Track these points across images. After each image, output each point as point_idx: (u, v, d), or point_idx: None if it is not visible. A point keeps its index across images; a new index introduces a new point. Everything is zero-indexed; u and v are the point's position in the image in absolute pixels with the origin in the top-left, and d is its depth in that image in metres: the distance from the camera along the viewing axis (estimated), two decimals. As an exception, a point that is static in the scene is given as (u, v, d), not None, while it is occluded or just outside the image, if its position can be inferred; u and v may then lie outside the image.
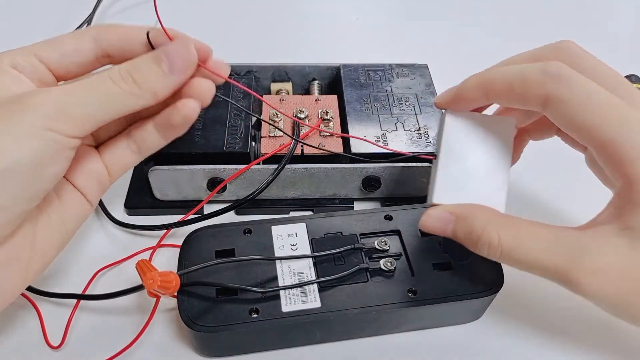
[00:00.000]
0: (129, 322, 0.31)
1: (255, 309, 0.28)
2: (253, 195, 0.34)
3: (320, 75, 0.43)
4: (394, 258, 0.30)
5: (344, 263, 0.30)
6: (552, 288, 0.34)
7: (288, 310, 0.28)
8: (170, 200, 0.37)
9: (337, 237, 0.31)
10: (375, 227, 0.32)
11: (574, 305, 0.33)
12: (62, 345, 0.29)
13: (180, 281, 0.27)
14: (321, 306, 0.28)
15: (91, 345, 0.30)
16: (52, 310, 0.31)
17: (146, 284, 0.25)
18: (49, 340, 0.30)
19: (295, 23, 0.56)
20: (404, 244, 0.31)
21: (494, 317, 0.32)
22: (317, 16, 0.58)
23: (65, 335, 0.30)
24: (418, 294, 0.29)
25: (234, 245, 0.31)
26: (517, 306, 0.32)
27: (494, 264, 0.30)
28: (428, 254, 0.31)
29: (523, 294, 0.33)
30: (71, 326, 0.30)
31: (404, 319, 0.30)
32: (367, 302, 0.29)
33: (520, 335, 0.31)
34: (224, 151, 0.34)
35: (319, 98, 0.38)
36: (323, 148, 0.35)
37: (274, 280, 0.29)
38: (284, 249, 0.31)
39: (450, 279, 0.30)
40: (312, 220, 0.32)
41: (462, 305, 0.29)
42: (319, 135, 0.36)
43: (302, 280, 0.29)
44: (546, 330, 0.32)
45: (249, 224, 0.32)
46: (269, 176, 0.34)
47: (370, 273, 0.30)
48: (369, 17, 0.58)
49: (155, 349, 0.30)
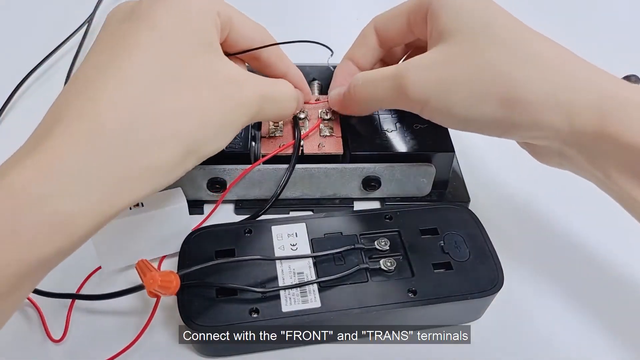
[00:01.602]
0: (129, 321, 0.31)
1: (255, 309, 0.28)
2: (275, 197, 0.35)
3: (320, 75, 0.43)
4: (394, 258, 0.30)
5: (344, 263, 0.30)
6: (552, 288, 0.34)
7: (288, 310, 0.28)
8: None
9: (337, 237, 0.31)
10: (375, 227, 0.32)
11: (574, 305, 0.33)
12: (63, 340, 0.30)
13: (181, 281, 0.27)
14: (321, 306, 0.28)
15: (91, 343, 0.30)
16: (53, 308, 0.31)
17: (146, 284, 0.25)
18: (50, 334, 0.30)
19: (295, 23, 0.56)
20: (404, 244, 0.31)
21: (494, 317, 0.32)
22: (317, 16, 0.58)
23: (66, 331, 0.30)
24: (418, 294, 0.29)
25: (234, 245, 0.31)
26: (517, 306, 0.32)
27: (494, 264, 0.30)
28: (428, 254, 0.31)
29: (523, 294, 0.33)
30: (73, 325, 0.30)
31: (404, 319, 0.30)
32: (367, 302, 0.29)
33: (520, 335, 0.31)
34: (224, 151, 0.34)
35: (319, 98, 0.38)
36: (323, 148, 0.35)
37: (274, 280, 0.29)
38: (284, 249, 0.31)
39: (450, 279, 0.30)
40: (312, 220, 0.32)
41: (462, 305, 0.29)
42: (319, 135, 0.36)
43: (302, 280, 0.29)
44: (546, 331, 0.32)
45: (249, 224, 0.32)
46: (282, 177, 0.35)
47: (370, 273, 0.30)
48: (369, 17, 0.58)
49: (155, 349, 0.30)
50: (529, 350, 0.31)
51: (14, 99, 0.45)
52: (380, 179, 0.36)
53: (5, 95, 0.45)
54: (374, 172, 0.35)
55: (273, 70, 0.33)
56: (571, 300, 0.33)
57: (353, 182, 0.36)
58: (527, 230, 0.37)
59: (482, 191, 0.38)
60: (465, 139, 0.42)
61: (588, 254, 0.36)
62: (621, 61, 0.50)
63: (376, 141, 0.36)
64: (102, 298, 0.30)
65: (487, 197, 0.38)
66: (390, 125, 0.37)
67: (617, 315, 0.32)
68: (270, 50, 0.32)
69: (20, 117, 0.44)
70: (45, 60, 0.49)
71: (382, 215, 0.33)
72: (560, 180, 0.40)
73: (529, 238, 0.36)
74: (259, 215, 0.34)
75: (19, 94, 0.46)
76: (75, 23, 0.52)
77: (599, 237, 0.37)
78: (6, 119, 0.44)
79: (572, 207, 0.38)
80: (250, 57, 0.32)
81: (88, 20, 0.53)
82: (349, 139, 0.36)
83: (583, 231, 0.37)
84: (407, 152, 0.35)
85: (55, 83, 0.47)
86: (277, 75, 0.33)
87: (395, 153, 0.35)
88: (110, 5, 0.57)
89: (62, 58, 0.50)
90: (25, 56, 0.48)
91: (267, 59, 0.32)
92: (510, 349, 0.31)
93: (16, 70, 0.47)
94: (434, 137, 0.36)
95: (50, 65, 0.49)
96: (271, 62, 0.32)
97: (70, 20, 0.53)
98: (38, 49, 0.49)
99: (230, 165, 0.34)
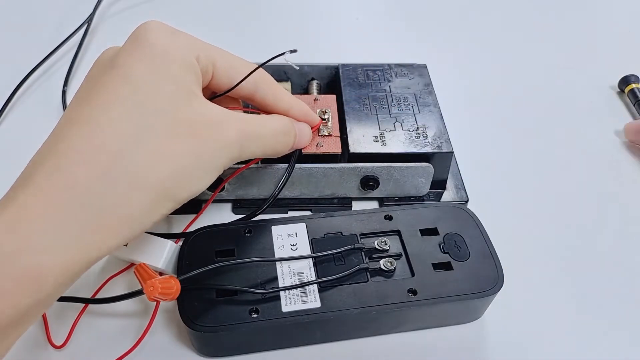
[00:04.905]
0: (130, 324, 0.31)
1: (255, 309, 0.28)
2: (274, 197, 0.34)
3: (319, 74, 0.43)
4: (394, 258, 0.30)
5: (344, 263, 0.30)
6: (553, 288, 0.34)
7: (288, 310, 0.28)
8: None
9: (337, 237, 0.32)
10: (375, 227, 0.32)
11: (574, 305, 0.33)
12: (65, 345, 0.30)
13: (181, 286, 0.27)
14: (321, 306, 0.28)
15: (92, 347, 0.30)
16: (55, 312, 0.31)
17: (146, 290, 0.25)
18: (52, 340, 0.30)
19: (295, 22, 0.56)
20: (404, 244, 0.31)
21: (494, 317, 0.32)
22: (317, 16, 0.58)
23: (69, 337, 0.30)
24: (418, 294, 0.29)
25: (234, 245, 0.31)
26: (517, 306, 0.32)
27: (494, 264, 0.30)
28: (428, 254, 0.31)
29: (523, 294, 0.33)
30: (73, 331, 0.30)
31: (404, 319, 0.30)
32: (367, 302, 0.29)
33: (520, 335, 0.31)
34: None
35: (317, 98, 0.38)
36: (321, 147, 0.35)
37: (274, 281, 0.29)
38: (284, 249, 0.31)
39: (450, 279, 0.30)
40: (312, 220, 0.32)
41: (462, 305, 0.29)
42: (318, 134, 0.36)
43: (302, 280, 0.29)
44: (546, 331, 0.32)
45: (249, 224, 0.32)
46: (282, 176, 0.34)
47: (370, 273, 0.30)
48: (369, 17, 0.58)
49: (155, 350, 0.30)
50: (529, 350, 0.31)
51: (14, 99, 0.45)
52: (378, 178, 0.36)
53: (6, 95, 0.45)
54: (372, 172, 0.35)
55: (272, 110, 0.32)
56: (571, 300, 0.33)
57: (351, 182, 0.36)
58: (527, 230, 0.37)
59: (482, 191, 0.38)
60: (466, 139, 0.42)
61: (588, 254, 0.36)
62: (621, 61, 0.51)
63: (374, 141, 0.36)
64: (101, 302, 0.30)
65: (487, 197, 0.38)
66: (388, 125, 0.37)
67: (618, 315, 0.32)
68: (264, 91, 0.31)
69: (20, 117, 0.44)
70: (45, 60, 0.49)
71: (382, 215, 0.33)
72: (560, 180, 0.40)
73: (529, 238, 0.36)
74: (256, 214, 0.34)
75: (19, 94, 0.46)
76: (75, 23, 0.52)
77: (600, 237, 0.37)
78: (6, 119, 0.44)
79: (572, 207, 0.39)
80: (247, 99, 0.32)
81: (88, 20, 0.53)
82: (347, 138, 0.36)
83: (583, 231, 0.37)
84: (406, 152, 0.35)
85: (55, 83, 0.47)
86: (281, 113, 0.32)
87: (394, 153, 0.35)
88: (110, 6, 0.57)
89: (62, 58, 0.50)
90: (25, 56, 0.48)
91: (262, 99, 0.32)
92: (510, 349, 0.31)
93: (16, 70, 0.47)
94: (432, 137, 0.36)
95: (50, 65, 0.49)
96: (268, 103, 0.32)
97: (70, 20, 0.53)
98: (38, 49, 0.49)
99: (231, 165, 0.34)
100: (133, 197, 0.24)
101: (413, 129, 0.37)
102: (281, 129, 0.31)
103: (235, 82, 0.30)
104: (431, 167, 0.35)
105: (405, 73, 0.41)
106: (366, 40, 0.54)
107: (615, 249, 0.36)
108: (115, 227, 0.24)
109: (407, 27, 0.57)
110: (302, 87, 0.43)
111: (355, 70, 0.41)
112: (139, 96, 0.25)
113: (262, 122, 0.30)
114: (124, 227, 0.24)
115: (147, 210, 0.25)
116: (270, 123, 0.31)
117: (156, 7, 0.57)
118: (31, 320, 0.23)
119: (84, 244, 0.23)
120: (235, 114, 0.29)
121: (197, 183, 0.27)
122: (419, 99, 0.39)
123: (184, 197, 0.26)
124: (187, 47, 0.27)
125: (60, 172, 0.23)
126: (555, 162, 0.42)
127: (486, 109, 0.46)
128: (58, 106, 0.45)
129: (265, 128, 0.30)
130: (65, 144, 0.24)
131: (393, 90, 0.40)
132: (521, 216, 0.38)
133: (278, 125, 0.31)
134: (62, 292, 0.24)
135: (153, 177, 0.24)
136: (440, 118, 0.37)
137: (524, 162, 0.42)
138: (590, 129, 0.45)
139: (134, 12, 0.56)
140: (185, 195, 0.26)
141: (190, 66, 0.27)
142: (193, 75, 0.27)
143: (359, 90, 0.40)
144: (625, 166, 0.42)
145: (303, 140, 0.34)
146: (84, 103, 0.25)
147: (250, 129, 0.29)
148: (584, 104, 0.47)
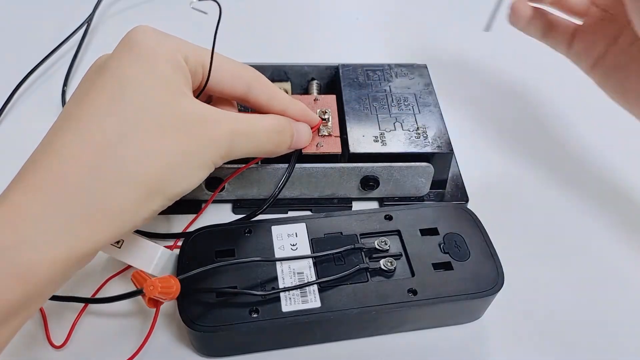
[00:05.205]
0: (128, 324, 0.31)
1: (255, 309, 0.28)
2: (274, 197, 0.35)
3: (319, 75, 0.43)
4: (394, 258, 0.30)
5: (344, 263, 0.30)
6: (553, 288, 0.34)
7: (288, 310, 0.28)
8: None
9: (337, 237, 0.32)
10: (376, 227, 0.32)
11: (574, 305, 0.33)
12: (65, 345, 0.30)
13: (180, 285, 0.27)
14: (321, 306, 0.28)
15: (92, 347, 0.30)
16: (55, 312, 0.31)
17: (147, 290, 0.25)
18: (51, 340, 0.30)
19: (295, 22, 0.56)
20: (404, 244, 0.31)
21: (494, 317, 0.32)
22: (317, 16, 0.58)
23: (68, 337, 0.30)
24: (418, 294, 0.29)
25: (234, 245, 0.31)
26: (517, 306, 0.32)
27: (494, 264, 0.30)
28: (428, 254, 0.31)
29: (523, 294, 0.33)
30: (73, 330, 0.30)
31: (404, 319, 0.30)
32: (367, 302, 0.29)
33: (520, 335, 0.31)
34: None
35: (317, 98, 0.38)
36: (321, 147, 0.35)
37: (274, 281, 0.29)
38: (284, 249, 0.31)
39: (450, 279, 0.30)
40: (312, 220, 0.32)
41: (462, 305, 0.29)
42: (318, 134, 0.36)
43: (302, 280, 0.29)
44: (546, 331, 0.32)
45: (249, 224, 0.32)
46: (282, 176, 0.34)
47: (370, 273, 0.30)
48: (369, 17, 0.58)
49: (155, 350, 0.30)
50: (528, 350, 0.31)
51: (14, 99, 0.45)
52: (378, 178, 0.36)
53: (6, 95, 0.45)
54: (372, 172, 0.35)
55: (268, 110, 0.32)
56: (572, 300, 0.33)
57: (351, 182, 0.36)
58: (527, 230, 0.37)
59: (482, 191, 0.38)
60: (466, 139, 0.42)
61: (589, 254, 0.36)
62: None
63: (375, 141, 0.36)
64: (100, 302, 0.30)
65: (487, 197, 0.38)
66: (388, 125, 0.37)
67: (619, 315, 0.32)
68: (257, 91, 0.31)
69: (20, 117, 0.44)
70: (45, 60, 0.49)
71: (382, 215, 0.33)
72: (560, 180, 0.40)
73: (529, 238, 0.36)
74: (256, 214, 0.34)
75: (19, 94, 0.46)
76: (75, 23, 0.52)
77: (600, 237, 0.37)
78: (6, 119, 0.44)
79: (572, 207, 0.39)
80: (241, 100, 0.32)
81: (88, 20, 0.53)
82: (348, 138, 0.36)
83: (584, 231, 0.37)
84: (406, 152, 0.35)
85: (55, 83, 0.47)
86: (277, 113, 0.32)
87: (394, 153, 0.35)
88: (110, 6, 0.57)
89: (62, 58, 0.50)
90: (25, 56, 0.48)
91: (256, 100, 0.32)
92: (510, 349, 0.31)
93: (16, 70, 0.47)
94: (432, 137, 0.36)
95: (50, 65, 0.49)
96: (262, 103, 0.32)
97: (70, 20, 0.53)
98: (38, 49, 0.49)
99: (229, 165, 0.34)
100: (122, 192, 0.24)
101: (413, 129, 0.37)
102: (274, 127, 0.31)
103: (225, 84, 0.30)
104: (431, 167, 0.35)
105: (405, 73, 0.41)
106: (366, 40, 0.54)
107: (616, 249, 0.36)
108: (104, 222, 0.24)
109: (407, 27, 0.57)
110: (302, 87, 0.43)
111: (355, 70, 0.41)
112: (128, 94, 0.25)
113: (253, 120, 0.30)
114: (113, 223, 0.24)
115: (136, 205, 0.25)
116: (262, 121, 0.31)
117: (156, 7, 0.57)
118: (23, 317, 0.24)
119: (72, 239, 0.23)
120: (226, 112, 0.29)
121: (186, 179, 0.27)
122: (419, 99, 0.39)
123: (174, 193, 0.27)
124: (175, 48, 0.28)
125: (50, 169, 0.24)
126: (555, 162, 0.42)
127: (486, 109, 0.46)
128: (58, 106, 0.45)
129: (256, 126, 0.30)
130: (56, 141, 0.24)
131: (393, 90, 0.40)
132: (521, 216, 0.38)
133: (270, 123, 0.31)
134: (55, 289, 0.24)
135: (142, 172, 0.25)
136: (440, 118, 0.37)
137: (524, 162, 0.42)
138: (590, 129, 0.45)
139: (134, 12, 0.56)
140: (175, 191, 0.26)
141: (179, 67, 0.27)
142: (181, 75, 0.28)
143: (359, 90, 0.40)
144: (625, 166, 0.42)
145: (302, 140, 0.34)
146: (76, 104, 0.26)
147: (240, 127, 0.29)
148: (584, 104, 0.47)
